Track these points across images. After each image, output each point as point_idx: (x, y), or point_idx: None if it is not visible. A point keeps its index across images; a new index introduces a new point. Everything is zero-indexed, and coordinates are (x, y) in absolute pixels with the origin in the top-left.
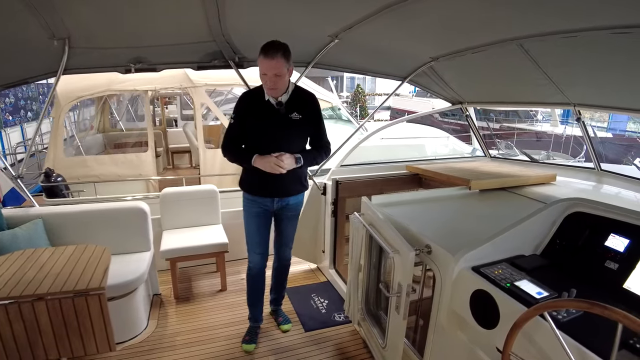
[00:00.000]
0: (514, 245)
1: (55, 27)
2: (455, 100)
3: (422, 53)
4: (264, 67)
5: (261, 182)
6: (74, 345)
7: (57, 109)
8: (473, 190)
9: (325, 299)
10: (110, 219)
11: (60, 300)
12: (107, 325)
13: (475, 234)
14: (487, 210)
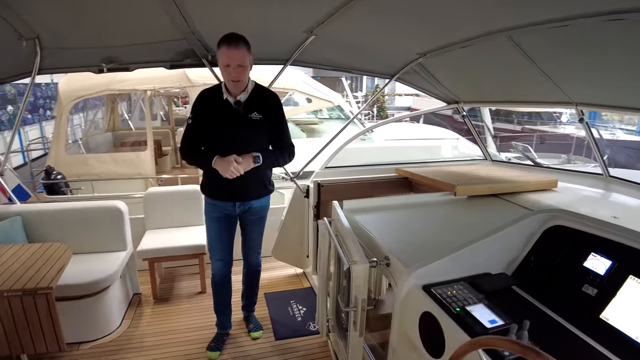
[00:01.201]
0: (480, 261)
1: (20, 27)
2: (450, 99)
3: (408, 49)
4: (228, 57)
5: (221, 186)
6: (24, 342)
7: (59, 108)
8: (459, 196)
9: (304, 306)
10: (87, 218)
11: (9, 298)
12: (56, 324)
13: (444, 246)
14: (468, 220)
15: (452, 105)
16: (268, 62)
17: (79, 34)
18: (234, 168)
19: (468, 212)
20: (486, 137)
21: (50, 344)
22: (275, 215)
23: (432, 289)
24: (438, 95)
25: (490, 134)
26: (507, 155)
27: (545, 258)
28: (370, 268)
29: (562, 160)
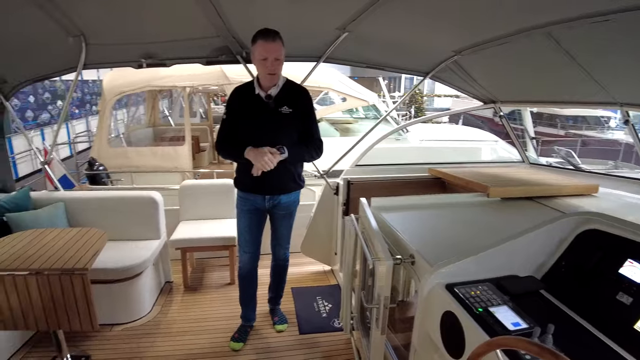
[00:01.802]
0: (508, 263)
1: (66, 25)
2: (487, 99)
3: (443, 46)
4: (265, 51)
5: (252, 180)
6: (61, 319)
7: (103, 103)
8: (492, 197)
9: (329, 303)
10: (123, 207)
11: (49, 277)
12: (90, 304)
13: (470, 246)
14: (499, 221)
15: (488, 105)
16: (301, 58)
17: (120, 31)
18: (268, 159)
19: (500, 214)
20: (526, 141)
21: (84, 323)
22: (305, 211)
23: (455, 289)
24: (474, 94)
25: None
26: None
27: (578, 263)
28: (395, 266)
29: (609, 167)
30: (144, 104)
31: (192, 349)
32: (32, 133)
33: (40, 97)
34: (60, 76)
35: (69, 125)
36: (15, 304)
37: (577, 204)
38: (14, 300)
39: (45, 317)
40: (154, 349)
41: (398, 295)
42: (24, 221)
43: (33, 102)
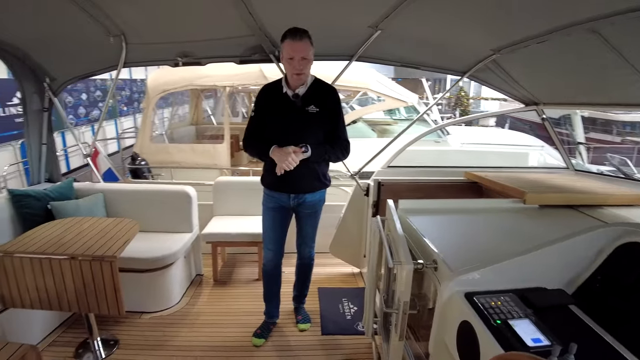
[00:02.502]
0: (535, 273)
1: (108, 25)
2: (528, 100)
3: (481, 44)
4: (292, 50)
5: (277, 178)
6: (90, 303)
7: (147, 100)
8: (529, 204)
9: (355, 305)
10: (158, 199)
11: (81, 262)
12: (117, 290)
13: (497, 254)
14: (535, 230)
15: (530, 107)
16: (333, 57)
17: (158, 31)
18: (292, 159)
19: (536, 222)
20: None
21: (112, 308)
22: (336, 212)
23: (475, 298)
24: (515, 95)
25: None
26: (599, 168)
27: (616, 278)
28: (421, 271)
29: None
30: (189, 103)
31: (215, 341)
32: (84, 129)
33: (92, 95)
34: (102, 74)
35: (117, 122)
36: (50, 285)
37: (624, 215)
38: (50, 282)
39: (77, 300)
40: (179, 339)
41: (428, 302)
42: (66, 209)
43: (85, 99)
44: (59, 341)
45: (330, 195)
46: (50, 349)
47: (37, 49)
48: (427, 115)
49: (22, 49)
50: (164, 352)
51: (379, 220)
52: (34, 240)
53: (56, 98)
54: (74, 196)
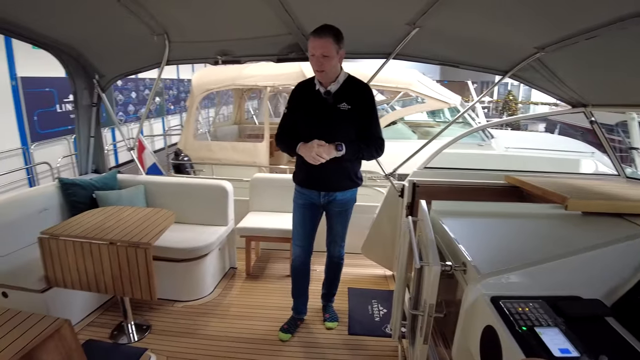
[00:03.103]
0: (570, 281)
1: (152, 24)
2: (575, 101)
3: (524, 42)
4: (312, 47)
5: (308, 175)
6: (125, 287)
7: (191, 99)
8: (571, 210)
9: (385, 308)
10: (196, 193)
11: (118, 248)
12: (151, 276)
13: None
14: (575, 237)
15: (577, 109)
16: (370, 55)
17: (199, 30)
18: (316, 153)
19: (577, 229)
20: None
21: (145, 293)
22: (369, 212)
23: (501, 302)
24: (561, 96)
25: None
26: None
27: None
28: (446, 273)
29: None
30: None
31: (243, 332)
32: (132, 125)
33: (141, 94)
34: (146, 71)
35: (165, 120)
36: (90, 268)
37: None
38: (90, 265)
39: (113, 283)
40: (208, 328)
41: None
42: (109, 198)
43: (134, 97)
44: (96, 322)
45: (365, 195)
46: (89, 328)
47: (88, 48)
48: (472, 119)
49: (76, 48)
50: (193, 340)
51: (411, 221)
52: (77, 225)
53: (104, 94)
54: (117, 187)
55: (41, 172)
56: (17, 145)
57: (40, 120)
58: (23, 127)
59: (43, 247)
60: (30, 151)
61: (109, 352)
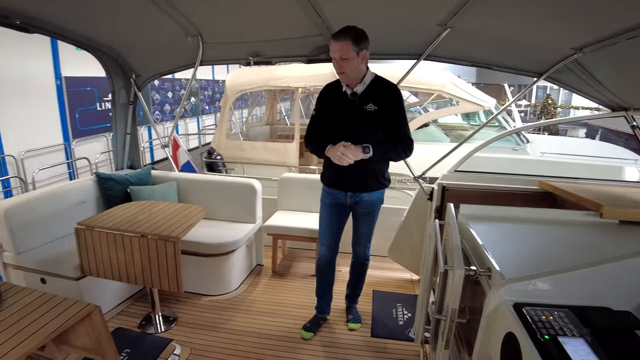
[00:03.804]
0: (600, 291)
1: (187, 26)
2: (616, 105)
3: (560, 42)
4: (332, 50)
5: (335, 175)
6: (154, 279)
7: (224, 99)
8: (607, 219)
9: (409, 312)
10: (226, 190)
11: (148, 240)
12: (178, 269)
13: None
14: (609, 246)
15: (618, 113)
16: (400, 56)
17: (231, 31)
18: (342, 153)
19: (612, 238)
20: None
21: (172, 285)
22: (397, 215)
23: (524, 309)
24: (599, 99)
25: None
26: None
27: None
28: (471, 278)
29: None
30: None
31: (266, 329)
32: (168, 124)
33: (177, 94)
34: (180, 71)
35: (199, 119)
36: (121, 259)
37: None
38: (121, 256)
39: (143, 274)
40: (232, 323)
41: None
42: (143, 193)
43: (170, 97)
44: (126, 311)
45: (394, 198)
46: (118, 317)
47: (126, 49)
48: (507, 123)
49: (115, 49)
50: (217, 333)
51: (437, 224)
52: (111, 217)
53: (140, 93)
54: (151, 182)
55: (81, 166)
56: (60, 141)
57: (81, 117)
58: (66, 124)
59: (79, 238)
60: (71, 147)
61: (136, 341)
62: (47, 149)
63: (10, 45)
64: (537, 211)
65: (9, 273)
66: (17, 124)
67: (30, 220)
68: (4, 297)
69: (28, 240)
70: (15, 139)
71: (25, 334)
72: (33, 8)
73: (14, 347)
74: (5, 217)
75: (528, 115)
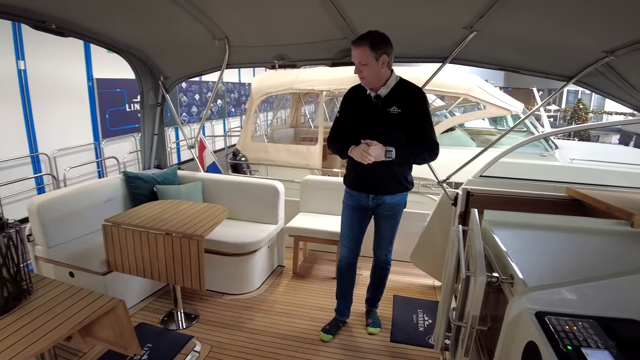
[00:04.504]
0: (628, 303)
1: (214, 30)
2: None
3: (590, 45)
4: (352, 55)
5: (357, 177)
6: (177, 276)
7: (250, 102)
8: (638, 228)
9: (430, 318)
10: (249, 191)
11: (172, 238)
12: (201, 267)
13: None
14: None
15: None
16: (426, 60)
17: (257, 35)
18: (363, 149)
19: None
20: None
21: (195, 283)
22: (421, 220)
23: (547, 318)
24: (633, 104)
25: None
26: None
27: None
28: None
29: None
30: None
31: (285, 329)
32: (195, 126)
33: (204, 96)
34: (207, 74)
35: (226, 122)
36: (146, 256)
37: None
38: (146, 252)
39: (166, 271)
40: (253, 322)
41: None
42: (169, 192)
43: (198, 99)
44: (149, 307)
45: (417, 203)
46: (141, 312)
47: (155, 52)
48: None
49: (144, 51)
50: (237, 332)
51: (460, 229)
52: (138, 215)
53: (168, 94)
54: (177, 182)
55: (109, 165)
56: (90, 140)
57: (111, 118)
58: (96, 124)
59: (106, 234)
60: (101, 146)
61: (158, 336)
62: (78, 148)
63: (47, 49)
64: (564, 219)
65: (40, 266)
66: (51, 124)
67: (61, 216)
68: (35, 288)
69: (58, 235)
70: (49, 138)
71: (53, 323)
72: (68, 13)
73: (42, 335)
74: (38, 212)
75: (558, 121)
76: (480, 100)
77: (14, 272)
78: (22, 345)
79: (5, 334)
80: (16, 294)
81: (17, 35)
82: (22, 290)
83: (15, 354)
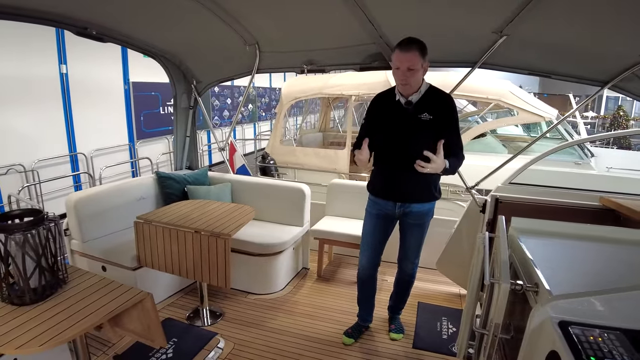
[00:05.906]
0: None
1: (245, 36)
2: None
3: (626, 49)
4: (398, 61)
5: (383, 185)
6: (204, 273)
7: (280, 106)
8: None
9: (455, 327)
10: (276, 193)
11: (201, 236)
12: (228, 266)
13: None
14: None
15: None
16: (455, 64)
17: (287, 40)
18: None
19: None
20: None
21: (221, 280)
22: (448, 227)
23: (570, 327)
24: None
25: None
26: None
27: None
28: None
29: None
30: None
31: (307, 330)
32: (226, 129)
33: (236, 100)
34: (238, 78)
35: (256, 125)
36: (175, 253)
37: None
38: (175, 250)
39: (194, 268)
40: (275, 322)
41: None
42: (199, 192)
43: (229, 103)
44: (176, 303)
45: (445, 210)
46: (169, 307)
47: (188, 57)
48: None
49: (178, 56)
50: (260, 331)
51: (487, 236)
52: (168, 213)
53: (200, 98)
54: (207, 183)
55: (143, 166)
56: (125, 141)
57: (145, 120)
58: (131, 126)
59: (137, 230)
60: (135, 147)
61: (183, 331)
62: (114, 148)
63: (87, 54)
64: (595, 228)
65: (75, 259)
66: (89, 125)
67: (96, 212)
68: (70, 279)
69: (93, 230)
70: (86, 139)
71: (85, 312)
72: (107, 20)
73: (75, 322)
74: (75, 208)
75: (596, 128)
76: (512, 106)
77: (52, 263)
78: (56, 330)
79: (42, 319)
80: (53, 283)
81: (60, 41)
82: (59, 279)
83: (50, 337)
